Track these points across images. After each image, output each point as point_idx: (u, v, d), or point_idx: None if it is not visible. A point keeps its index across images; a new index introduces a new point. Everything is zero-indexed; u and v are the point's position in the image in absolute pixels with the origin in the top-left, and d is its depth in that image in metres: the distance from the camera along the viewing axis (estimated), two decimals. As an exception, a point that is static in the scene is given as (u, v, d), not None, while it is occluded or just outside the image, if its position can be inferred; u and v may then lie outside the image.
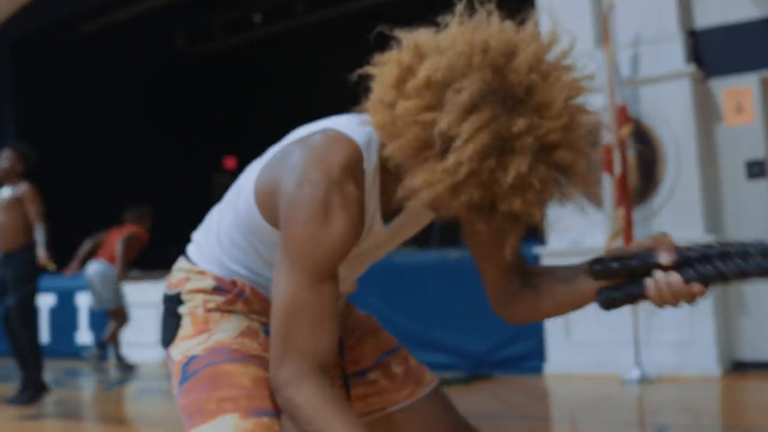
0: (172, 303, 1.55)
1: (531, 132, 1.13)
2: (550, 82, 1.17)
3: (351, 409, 1.30)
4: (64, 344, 9.45)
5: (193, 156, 13.35)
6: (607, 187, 5.56)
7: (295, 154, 1.35)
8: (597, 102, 1.59)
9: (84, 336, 9.42)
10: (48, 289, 9.09)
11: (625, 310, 5.25)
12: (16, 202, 5.75)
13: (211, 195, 14.39)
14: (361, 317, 1.78)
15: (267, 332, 1.52)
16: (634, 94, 5.93)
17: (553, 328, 6.02)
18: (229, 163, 14.32)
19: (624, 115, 5.55)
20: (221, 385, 1.41)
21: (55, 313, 9.61)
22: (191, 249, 1.60)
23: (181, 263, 1.59)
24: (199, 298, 1.52)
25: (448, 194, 1.16)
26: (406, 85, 1.20)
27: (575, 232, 5.84)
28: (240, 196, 1.48)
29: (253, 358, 1.47)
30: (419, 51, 1.22)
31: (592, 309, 1.48)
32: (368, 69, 1.28)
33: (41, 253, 5.86)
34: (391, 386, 1.68)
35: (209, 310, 1.51)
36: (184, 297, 1.54)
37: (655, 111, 5.88)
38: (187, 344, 1.49)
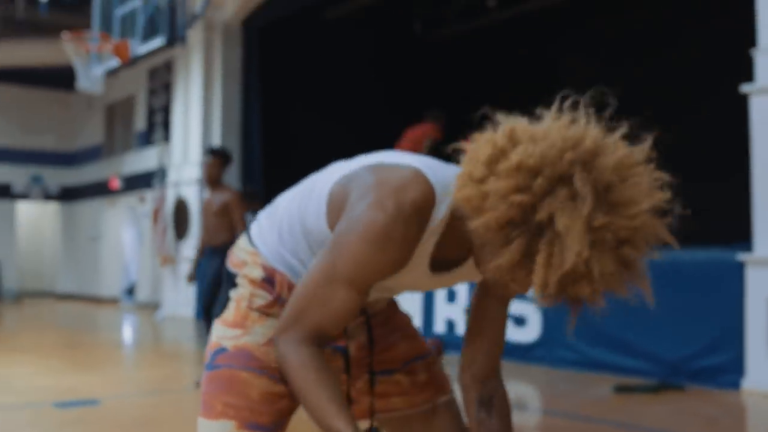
0: (231, 282, 1.70)
1: (608, 227, 1.22)
2: (629, 184, 1.25)
3: (334, 382, 1.44)
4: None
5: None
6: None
7: (379, 176, 1.45)
8: None
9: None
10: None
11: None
12: (224, 208, 6.28)
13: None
14: (402, 321, 1.86)
15: None
16: None
17: (755, 339, 5.56)
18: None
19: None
20: (232, 390, 1.59)
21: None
22: (254, 230, 1.70)
23: (242, 242, 1.71)
24: (248, 289, 1.65)
25: (527, 275, 1.27)
26: (497, 166, 1.28)
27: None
28: (313, 193, 1.58)
29: (269, 370, 1.61)
30: (514, 136, 1.30)
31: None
32: (462, 144, 1.38)
33: None
34: (413, 389, 1.78)
35: (252, 308, 1.64)
36: (239, 281, 1.67)
37: None
38: (224, 331, 1.65)
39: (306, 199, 1.59)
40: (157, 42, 8.30)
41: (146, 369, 7.62)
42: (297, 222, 1.60)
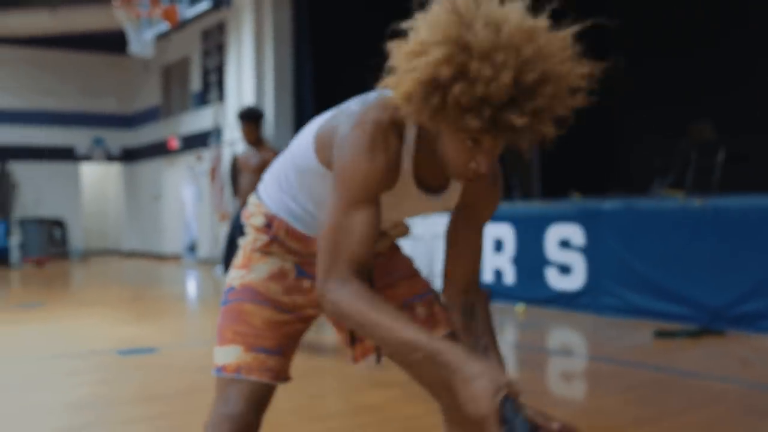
0: (242, 232, 1.95)
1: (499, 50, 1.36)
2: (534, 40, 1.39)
3: (388, 304, 1.53)
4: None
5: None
6: None
7: (353, 107, 1.63)
8: None
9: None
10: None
11: None
12: (263, 166, 6.39)
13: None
14: (402, 262, 2.01)
15: (299, 272, 1.89)
16: None
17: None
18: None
19: None
20: (239, 320, 1.84)
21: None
22: (260, 186, 1.94)
23: (253, 197, 1.93)
24: (252, 235, 1.89)
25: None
26: (407, 49, 1.47)
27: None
28: (300, 140, 1.78)
29: (271, 301, 1.86)
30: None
31: None
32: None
33: None
34: None
35: (254, 250, 1.89)
36: (246, 230, 1.92)
37: None
38: (234, 273, 1.90)
39: (295, 147, 1.79)
40: (204, 5, 8.49)
41: (204, 320, 7.95)
42: (290, 167, 1.80)
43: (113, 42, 15.99)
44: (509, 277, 8.02)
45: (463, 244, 1.80)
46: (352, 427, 3.71)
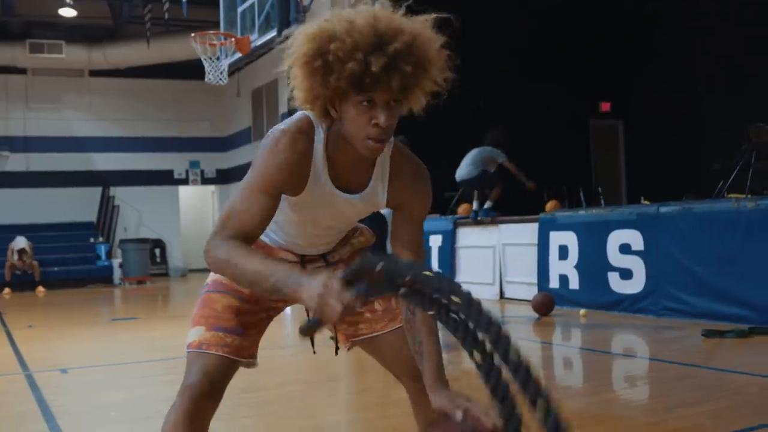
0: None
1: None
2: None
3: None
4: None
5: (570, 103, 13.53)
6: None
7: (273, 127, 1.95)
8: None
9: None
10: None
11: None
12: None
13: (588, 139, 14.68)
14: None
15: None
16: None
17: None
18: (605, 106, 14.48)
19: None
20: (205, 306, 2.15)
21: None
22: None
23: None
24: None
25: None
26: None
27: None
28: None
29: (234, 291, 2.16)
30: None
31: None
32: None
33: None
34: (373, 318, 2.27)
35: None
36: None
37: None
38: (210, 275, 2.22)
39: None
40: (272, 34, 9.02)
41: (274, 329, 8.35)
42: None
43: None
44: (574, 283, 8.16)
45: (402, 241, 2.07)
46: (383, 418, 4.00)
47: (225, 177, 20.14)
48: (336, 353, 2.37)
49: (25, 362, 6.12)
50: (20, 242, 15.90)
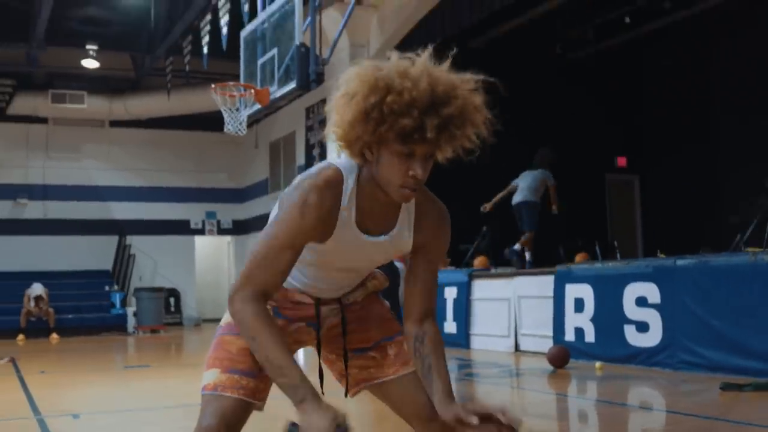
0: None
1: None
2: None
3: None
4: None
5: (586, 157, 13.61)
6: None
7: (297, 178, 1.99)
8: None
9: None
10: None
11: None
12: None
13: (605, 193, 14.70)
14: (377, 308, 2.37)
15: (275, 313, 2.21)
16: None
17: None
18: (621, 161, 14.54)
19: None
20: (219, 348, 2.16)
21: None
22: None
23: None
24: None
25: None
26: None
27: None
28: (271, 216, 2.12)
29: None
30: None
31: None
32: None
33: None
34: (384, 363, 2.29)
35: None
36: None
37: None
38: (225, 315, 2.23)
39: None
40: (291, 85, 9.15)
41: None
42: None
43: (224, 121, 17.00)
44: (590, 336, 8.10)
45: (417, 282, 2.12)
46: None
47: (241, 228, 20.22)
48: (346, 396, 2.37)
49: (37, 406, 6.10)
50: (37, 289, 15.94)
